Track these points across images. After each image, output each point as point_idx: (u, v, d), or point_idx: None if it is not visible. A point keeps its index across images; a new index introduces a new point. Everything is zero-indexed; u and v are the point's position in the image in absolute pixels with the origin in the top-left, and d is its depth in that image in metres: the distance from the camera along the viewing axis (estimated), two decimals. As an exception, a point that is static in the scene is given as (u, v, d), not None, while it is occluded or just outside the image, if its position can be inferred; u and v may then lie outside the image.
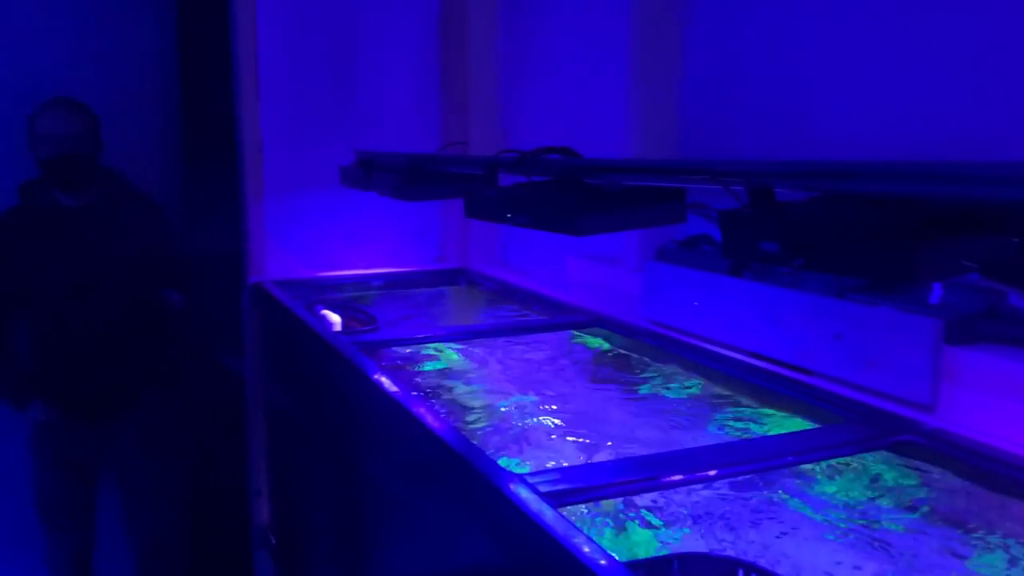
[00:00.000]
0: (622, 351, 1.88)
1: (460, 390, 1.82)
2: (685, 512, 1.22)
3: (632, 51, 1.89)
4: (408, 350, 2.00)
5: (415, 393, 1.74)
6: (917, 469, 1.23)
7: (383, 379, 1.52)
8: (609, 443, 1.49)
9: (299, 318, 2.00)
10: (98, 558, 2.82)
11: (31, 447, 2.72)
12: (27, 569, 2.84)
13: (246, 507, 2.58)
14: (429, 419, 1.30)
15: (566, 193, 1.36)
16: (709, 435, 1.47)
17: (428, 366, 1.95)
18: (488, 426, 1.62)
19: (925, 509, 1.18)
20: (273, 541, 2.44)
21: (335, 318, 2.19)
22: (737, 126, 1.78)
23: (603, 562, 0.87)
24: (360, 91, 2.64)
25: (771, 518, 1.21)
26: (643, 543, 1.18)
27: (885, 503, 1.21)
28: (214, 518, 2.95)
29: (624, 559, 1.08)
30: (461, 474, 1.18)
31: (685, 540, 1.16)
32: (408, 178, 2.02)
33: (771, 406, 1.47)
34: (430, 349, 2.00)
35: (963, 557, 1.08)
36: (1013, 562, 1.06)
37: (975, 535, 1.11)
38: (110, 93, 2.86)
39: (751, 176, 0.98)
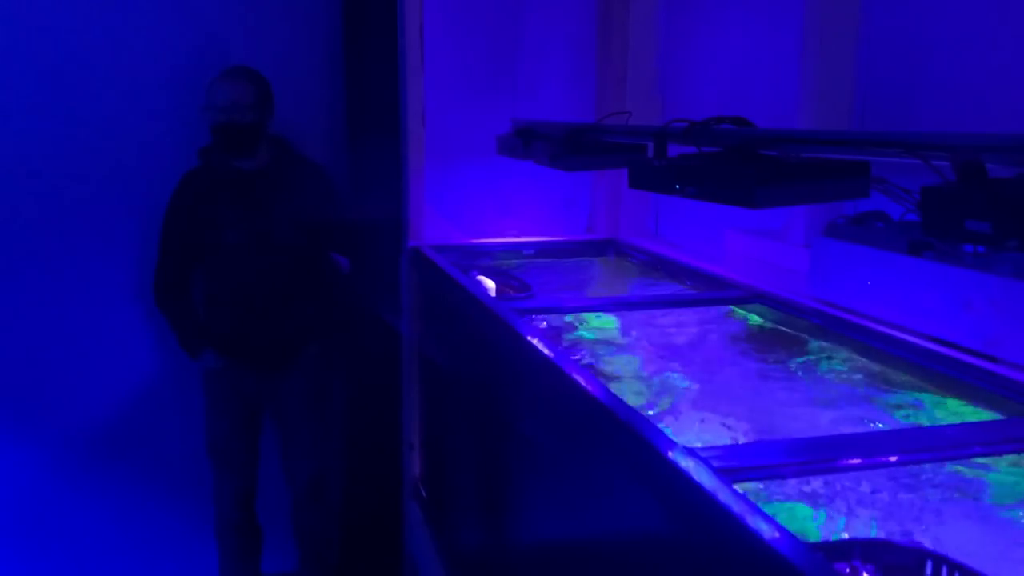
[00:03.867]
0: (783, 328, 1.83)
1: (612, 360, 1.82)
2: (857, 497, 1.18)
3: (807, 15, 1.81)
4: (561, 318, 2.02)
5: (568, 360, 1.76)
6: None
7: (541, 344, 1.54)
8: (766, 423, 1.46)
9: (457, 282, 2.05)
10: (260, 499, 3.03)
11: (203, 392, 2.94)
12: (198, 505, 3.08)
13: (399, 459, 2.70)
14: (591, 385, 1.31)
15: (741, 164, 1.33)
16: (880, 420, 1.41)
17: (581, 334, 1.97)
18: (642, 398, 1.62)
19: None
20: (423, 493, 2.54)
21: (490, 283, 2.24)
22: (922, 97, 1.68)
23: (781, 538, 0.86)
24: (519, 62, 2.66)
25: (954, 511, 1.15)
26: (809, 526, 1.16)
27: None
28: (369, 468, 3.10)
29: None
30: (625, 441, 1.18)
31: (857, 527, 1.13)
32: (567, 147, 2.02)
33: (952, 394, 1.39)
34: (584, 318, 2.02)
35: None
36: None
37: None
38: (280, 63, 3.00)
39: (959, 149, 0.93)
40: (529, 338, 1.57)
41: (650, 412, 1.54)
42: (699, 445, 1.38)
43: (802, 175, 1.28)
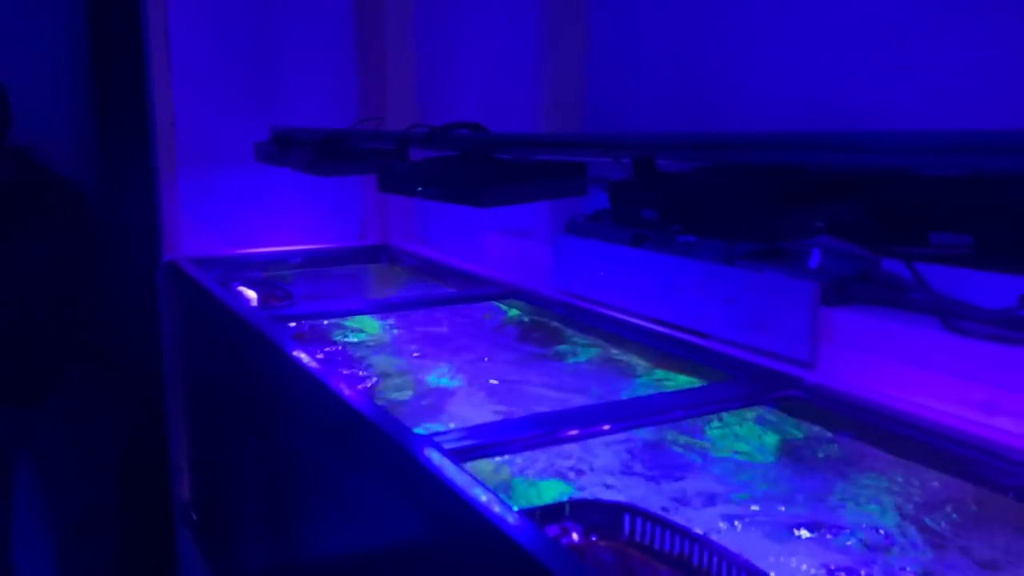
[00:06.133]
0: (535, 320, 1.95)
1: (379, 361, 1.86)
2: (583, 464, 1.29)
3: (540, 26, 1.95)
4: (326, 323, 2.03)
5: (334, 365, 1.77)
6: (800, 422, 1.33)
7: (297, 351, 1.54)
8: (521, 406, 1.56)
9: (212, 295, 2.00)
10: (16, 545, 2.77)
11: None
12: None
13: (169, 485, 2.58)
14: (340, 388, 1.34)
15: (473, 167, 1.41)
16: (612, 395, 1.54)
17: (347, 339, 1.98)
18: (408, 395, 1.66)
19: (806, 457, 1.28)
20: (195, 518, 2.44)
21: (251, 294, 2.20)
22: (642, 100, 1.85)
23: (497, 509, 0.93)
24: (277, 68, 2.63)
25: (662, 469, 1.29)
26: (546, 493, 1.25)
27: (769, 455, 1.30)
28: (139, 498, 2.92)
29: (522, 507, 1.14)
30: (372, 439, 1.22)
31: (573, 491, 1.23)
32: (322, 153, 2.03)
33: (668, 367, 1.56)
34: (348, 322, 2.03)
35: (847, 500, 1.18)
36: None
37: (863, 480, 1.21)
38: (18, 70, 2.77)
39: (636, 148, 1.05)
40: (283, 346, 1.57)
41: (412, 407, 1.58)
42: (441, 430, 1.45)
43: (526, 176, 1.38)
